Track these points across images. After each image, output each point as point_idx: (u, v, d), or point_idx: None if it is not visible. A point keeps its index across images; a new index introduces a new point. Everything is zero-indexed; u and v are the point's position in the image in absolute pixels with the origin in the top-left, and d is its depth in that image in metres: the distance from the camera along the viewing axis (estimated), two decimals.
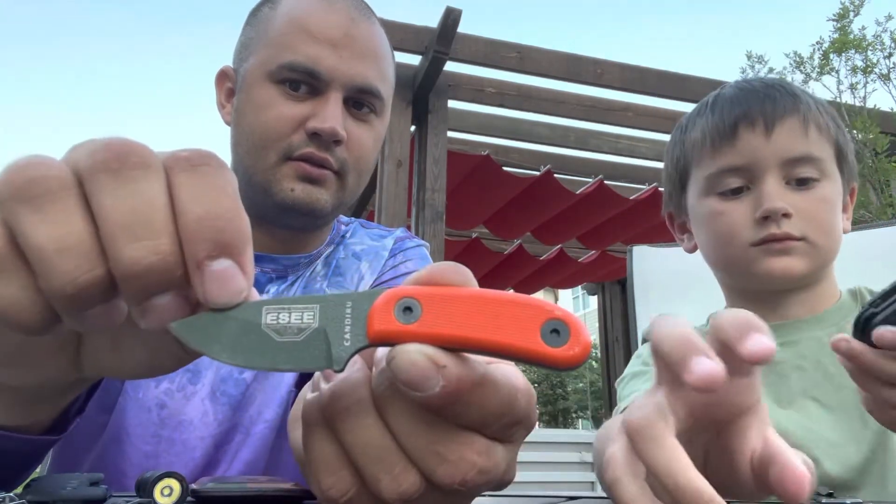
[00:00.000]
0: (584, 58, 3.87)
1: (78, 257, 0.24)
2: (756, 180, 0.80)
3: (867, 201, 4.33)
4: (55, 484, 0.39)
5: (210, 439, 0.73)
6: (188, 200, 0.25)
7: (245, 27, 0.82)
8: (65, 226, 0.24)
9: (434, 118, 3.79)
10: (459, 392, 0.25)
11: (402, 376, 0.24)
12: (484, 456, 0.26)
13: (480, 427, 0.26)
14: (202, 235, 0.25)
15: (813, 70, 4.72)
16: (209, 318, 0.25)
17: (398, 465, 0.26)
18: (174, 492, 0.39)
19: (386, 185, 3.56)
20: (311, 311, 0.26)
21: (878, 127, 4.29)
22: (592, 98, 4.19)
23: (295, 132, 0.74)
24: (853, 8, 4.62)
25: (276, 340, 0.25)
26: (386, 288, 0.26)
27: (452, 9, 3.33)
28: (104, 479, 0.41)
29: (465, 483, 0.26)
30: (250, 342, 0.25)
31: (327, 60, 0.74)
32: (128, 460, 0.71)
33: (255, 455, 0.73)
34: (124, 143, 0.25)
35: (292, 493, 0.46)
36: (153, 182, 0.25)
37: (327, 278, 0.86)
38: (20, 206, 0.24)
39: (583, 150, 4.81)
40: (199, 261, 0.25)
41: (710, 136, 0.83)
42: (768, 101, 0.81)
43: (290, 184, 0.75)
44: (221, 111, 0.82)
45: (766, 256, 0.78)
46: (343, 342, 0.25)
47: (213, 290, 0.25)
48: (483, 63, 3.74)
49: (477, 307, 0.24)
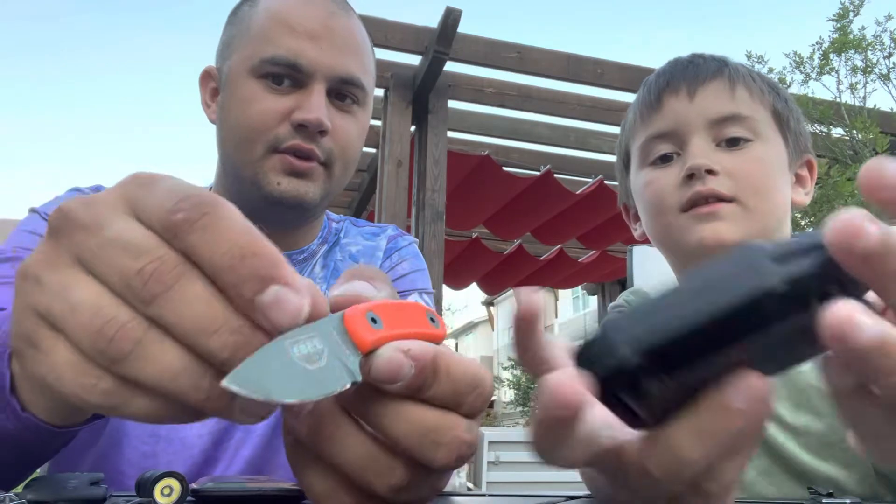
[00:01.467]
0: (584, 58, 3.87)
1: (191, 376, 0.26)
2: (684, 145, 0.77)
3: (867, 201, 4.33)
4: (55, 484, 0.39)
5: (209, 437, 0.73)
6: (210, 259, 0.26)
7: (226, 27, 0.83)
8: (164, 362, 0.26)
9: (434, 118, 3.79)
10: (428, 368, 0.28)
11: (384, 375, 0.28)
12: (469, 433, 0.30)
13: (456, 407, 0.30)
14: (240, 280, 0.25)
15: (813, 70, 4.72)
16: (250, 364, 0.25)
17: (385, 465, 0.29)
18: (174, 491, 0.39)
19: (386, 185, 3.57)
20: (314, 336, 0.27)
21: (878, 127, 4.29)
22: (592, 98, 4.19)
23: (280, 125, 0.75)
24: (853, 8, 4.62)
25: (310, 369, 0.26)
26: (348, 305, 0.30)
27: (452, 9, 3.33)
28: (104, 479, 0.41)
29: (460, 459, 0.30)
30: (293, 376, 0.26)
31: (308, 52, 0.75)
32: (127, 460, 0.71)
33: (255, 453, 0.73)
34: (151, 261, 0.26)
35: (292, 493, 0.46)
36: (196, 281, 0.26)
37: (326, 280, 0.86)
38: (120, 365, 0.26)
39: (583, 150, 4.82)
40: (250, 300, 0.25)
41: (639, 110, 0.82)
42: (691, 67, 0.80)
43: (276, 177, 0.75)
44: (206, 110, 0.82)
45: (695, 224, 0.74)
46: (348, 356, 0.28)
47: (276, 317, 0.25)
48: (483, 63, 3.74)
49: (404, 311, 0.31)
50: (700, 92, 0.77)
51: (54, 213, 0.28)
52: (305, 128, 0.74)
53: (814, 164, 0.85)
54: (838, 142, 4.56)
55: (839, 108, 4.56)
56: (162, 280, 0.25)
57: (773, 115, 0.79)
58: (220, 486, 0.44)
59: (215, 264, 0.26)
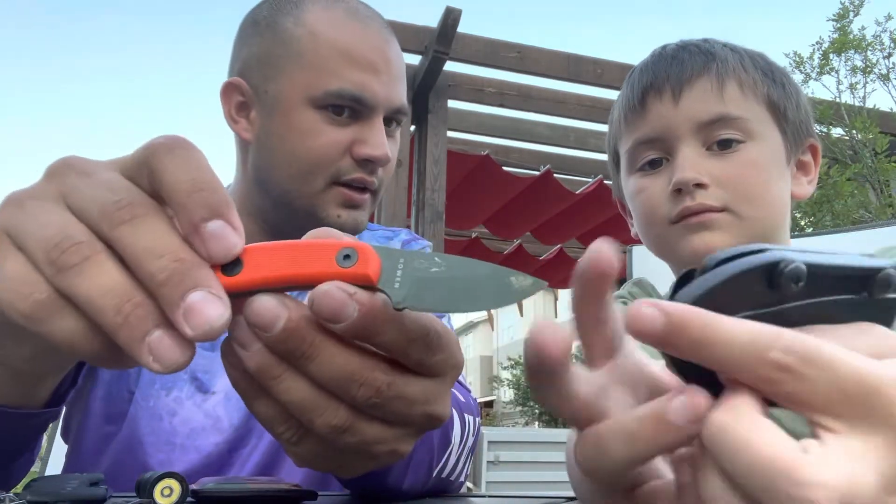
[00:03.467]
0: (584, 58, 3.87)
1: (118, 296, 0.28)
2: (673, 150, 0.73)
3: (867, 201, 4.33)
4: (55, 484, 0.39)
5: (225, 444, 0.73)
6: (174, 180, 0.29)
7: (256, 37, 0.78)
8: (101, 279, 0.28)
9: (434, 118, 3.79)
10: (374, 313, 0.29)
11: (325, 312, 0.28)
12: (391, 374, 0.31)
13: (403, 355, 0.31)
14: (193, 204, 0.28)
15: (813, 70, 4.72)
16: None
17: (326, 407, 0.30)
18: (174, 492, 0.39)
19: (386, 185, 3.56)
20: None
21: (877, 127, 4.30)
22: (592, 98, 4.19)
23: (342, 158, 0.74)
24: (853, 8, 4.62)
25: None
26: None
27: (452, 9, 3.33)
28: (105, 480, 0.41)
29: (379, 394, 0.30)
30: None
31: (373, 86, 0.74)
32: (143, 469, 0.71)
33: (266, 459, 0.73)
34: (122, 189, 0.29)
35: (291, 494, 0.46)
36: (159, 218, 0.29)
37: None
38: (63, 274, 0.28)
39: (583, 150, 4.81)
40: (195, 225, 0.28)
41: (622, 110, 0.79)
42: (675, 65, 0.75)
43: (335, 210, 0.76)
44: (234, 126, 0.79)
45: (686, 234, 0.71)
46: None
47: (213, 246, 0.28)
48: (483, 63, 3.74)
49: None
50: (686, 93, 0.73)
51: (55, 161, 0.31)
52: (372, 163, 0.75)
53: (817, 148, 0.80)
54: (838, 142, 4.56)
55: (839, 108, 4.56)
56: (132, 211, 0.28)
57: (769, 106, 0.75)
58: (220, 486, 0.44)
59: (175, 188, 0.28)
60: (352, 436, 0.32)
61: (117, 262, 0.28)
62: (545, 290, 12.38)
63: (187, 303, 0.27)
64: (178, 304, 0.27)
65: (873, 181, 4.34)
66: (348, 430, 0.31)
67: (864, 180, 4.37)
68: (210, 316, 0.27)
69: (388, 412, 0.32)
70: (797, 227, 4.42)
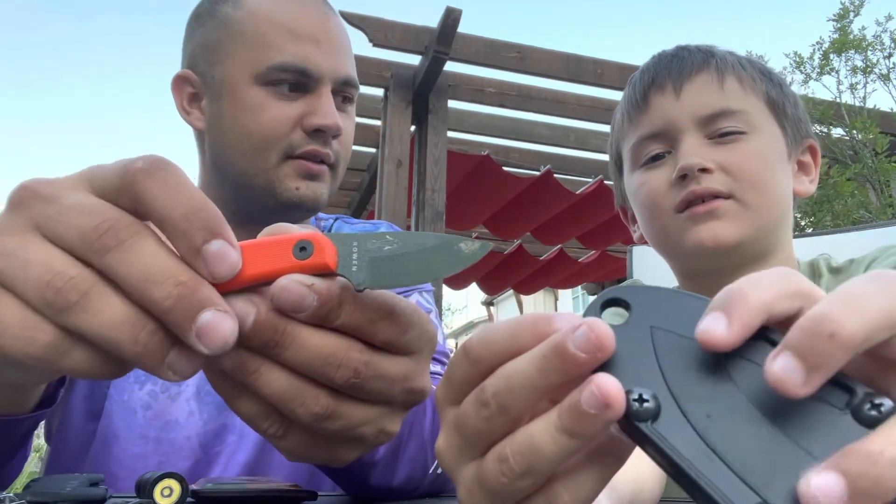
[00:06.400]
0: (584, 58, 3.87)
1: (132, 328, 0.27)
2: (676, 144, 0.74)
3: (867, 201, 4.33)
4: (55, 484, 0.39)
5: (196, 438, 0.73)
6: (165, 206, 0.28)
7: (199, 28, 0.80)
8: (108, 313, 0.27)
9: (434, 118, 3.79)
10: (332, 300, 0.29)
11: (285, 305, 0.29)
12: (367, 354, 0.31)
13: (373, 335, 0.31)
14: (191, 228, 0.28)
15: (813, 70, 4.72)
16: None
17: (307, 395, 0.31)
18: (174, 492, 0.39)
19: (386, 185, 3.56)
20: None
21: (877, 127, 4.29)
22: (592, 98, 4.19)
23: (293, 131, 0.75)
24: (853, 8, 4.62)
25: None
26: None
27: (452, 9, 3.33)
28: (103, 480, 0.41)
29: (358, 375, 0.31)
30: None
31: (315, 57, 0.75)
32: (118, 462, 0.71)
33: (250, 458, 0.73)
34: (98, 212, 0.28)
35: (290, 494, 0.46)
36: (145, 238, 0.28)
37: None
38: (66, 314, 0.27)
39: (583, 150, 4.81)
40: (196, 249, 0.28)
41: (626, 110, 0.80)
42: (676, 62, 0.76)
43: (293, 182, 0.76)
44: (188, 118, 0.80)
45: (692, 225, 0.71)
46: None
47: (216, 267, 0.28)
48: (483, 63, 3.74)
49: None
50: (686, 87, 0.74)
51: (15, 189, 0.30)
52: (322, 133, 0.75)
53: (816, 149, 0.81)
54: (838, 142, 4.56)
55: (839, 109, 4.56)
56: (117, 235, 0.27)
57: (768, 103, 0.76)
58: (220, 486, 0.44)
59: (169, 214, 0.28)
60: (336, 421, 0.32)
61: (115, 290, 0.28)
62: (545, 290, 12.31)
63: (198, 325, 0.27)
64: (189, 329, 0.27)
65: (873, 181, 4.34)
66: (332, 416, 0.31)
67: (865, 180, 4.37)
68: (224, 332, 0.27)
69: (369, 392, 0.32)
70: (797, 227, 4.42)
